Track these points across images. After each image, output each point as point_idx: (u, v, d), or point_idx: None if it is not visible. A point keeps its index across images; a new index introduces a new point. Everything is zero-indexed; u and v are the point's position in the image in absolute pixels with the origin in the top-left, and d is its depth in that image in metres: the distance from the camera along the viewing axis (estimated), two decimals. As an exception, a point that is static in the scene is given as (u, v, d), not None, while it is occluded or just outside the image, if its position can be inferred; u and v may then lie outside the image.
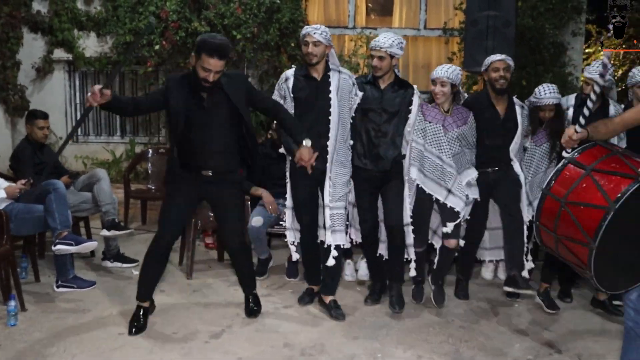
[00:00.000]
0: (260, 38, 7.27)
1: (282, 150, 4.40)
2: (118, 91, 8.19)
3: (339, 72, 4.23)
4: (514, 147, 4.49)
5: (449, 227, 4.34)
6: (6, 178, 5.11)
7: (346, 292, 4.72)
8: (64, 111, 8.04)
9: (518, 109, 4.53)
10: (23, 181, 4.62)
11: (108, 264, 5.30)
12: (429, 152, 4.30)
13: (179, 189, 3.88)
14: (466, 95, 4.64)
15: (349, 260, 5.14)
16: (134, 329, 3.88)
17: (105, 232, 5.11)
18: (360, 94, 4.25)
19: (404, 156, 4.30)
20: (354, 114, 4.28)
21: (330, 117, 4.13)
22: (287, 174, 4.34)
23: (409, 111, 4.27)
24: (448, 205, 4.29)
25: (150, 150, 6.98)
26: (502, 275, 5.02)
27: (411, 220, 4.32)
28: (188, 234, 5.17)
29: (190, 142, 3.75)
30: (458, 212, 4.29)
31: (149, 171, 6.95)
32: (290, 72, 4.28)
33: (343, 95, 4.18)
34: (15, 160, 5.24)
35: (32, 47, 7.74)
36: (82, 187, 5.36)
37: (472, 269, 4.88)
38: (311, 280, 4.54)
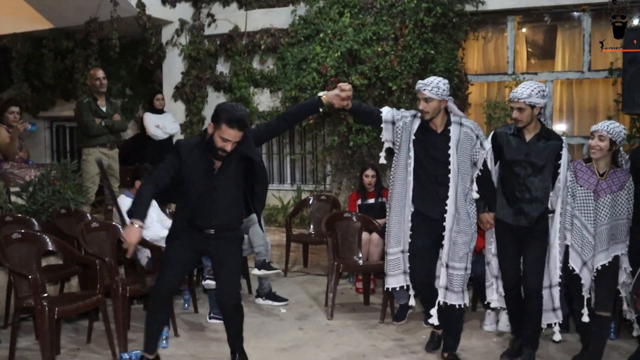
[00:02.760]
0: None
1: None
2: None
3: (461, 124, 4.08)
4: None
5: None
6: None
7: (481, 342, 4.65)
8: (240, 161, 8.90)
9: None
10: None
11: (260, 301, 5.73)
12: (576, 217, 4.00)
13: (180, 244, 3.86)
14: (626, 157, 4.10)
15: (489, 311, 5.03)
16: None
17: (256, 271, 5.53)
18: (488, 146, 4.08)
19: (552, 211, 4.08)
20: (482, 167, 4.11)
21: (449, 175, 4.03)
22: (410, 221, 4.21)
23: (558, 165, 4.04)
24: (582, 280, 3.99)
25: (312, 197, 7.34)
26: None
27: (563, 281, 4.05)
28: (330, 277, 5.43)
29: (196, 204, 3.76)
30: (582, 285, 3.99)
31: (311, 217, 7.31)
32: (415, 115, 4.13)
33: (464, 149, 4.04)
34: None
35: (215, 104, 8.67)
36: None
37: None
38: (439, 327, 4.50)
